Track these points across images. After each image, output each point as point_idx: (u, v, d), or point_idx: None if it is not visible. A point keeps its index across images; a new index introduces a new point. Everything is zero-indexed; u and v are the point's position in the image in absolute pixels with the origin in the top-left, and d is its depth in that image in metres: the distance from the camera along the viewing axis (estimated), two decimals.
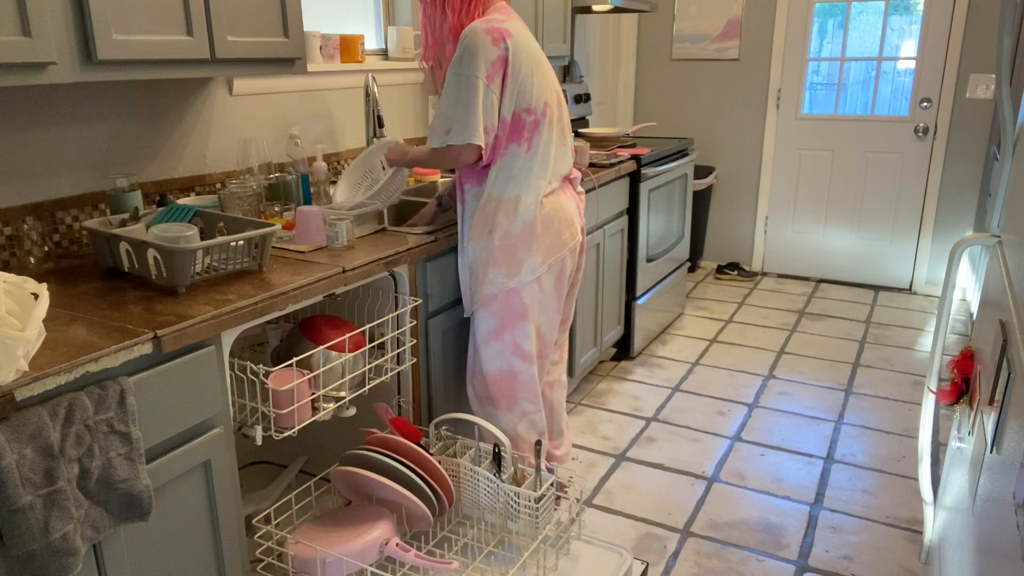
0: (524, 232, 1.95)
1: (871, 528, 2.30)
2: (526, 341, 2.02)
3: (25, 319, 1.15)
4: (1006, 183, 1.60)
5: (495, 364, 2.04)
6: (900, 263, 4.54)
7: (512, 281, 1.97)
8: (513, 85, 1.89)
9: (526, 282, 1.98)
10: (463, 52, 1.85)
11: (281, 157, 2.39)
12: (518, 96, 1.90)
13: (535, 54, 1.94)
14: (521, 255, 1.96)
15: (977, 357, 1.48)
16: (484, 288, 1.99)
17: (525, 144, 1.93)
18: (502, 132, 1.91)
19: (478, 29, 1.86)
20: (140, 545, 1.36)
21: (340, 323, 1.82)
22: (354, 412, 1.84)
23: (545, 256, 1.99)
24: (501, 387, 2.06)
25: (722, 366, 3.49)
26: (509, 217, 1.94)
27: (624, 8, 3.51)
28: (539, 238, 1.97)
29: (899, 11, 4.23)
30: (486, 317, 2.02)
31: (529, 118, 1.92)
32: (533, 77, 1.92)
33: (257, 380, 1.61)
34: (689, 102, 4.85)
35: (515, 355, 2.03)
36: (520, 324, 2.01)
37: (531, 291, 1.99)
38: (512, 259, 1.96)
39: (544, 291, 2.02)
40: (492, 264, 1.97)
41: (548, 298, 2.04)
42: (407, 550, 1.67)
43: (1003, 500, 0.97)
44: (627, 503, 2.43)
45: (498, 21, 1.89)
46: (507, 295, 1.98)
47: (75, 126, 1.81)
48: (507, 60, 1.86)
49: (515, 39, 1.88)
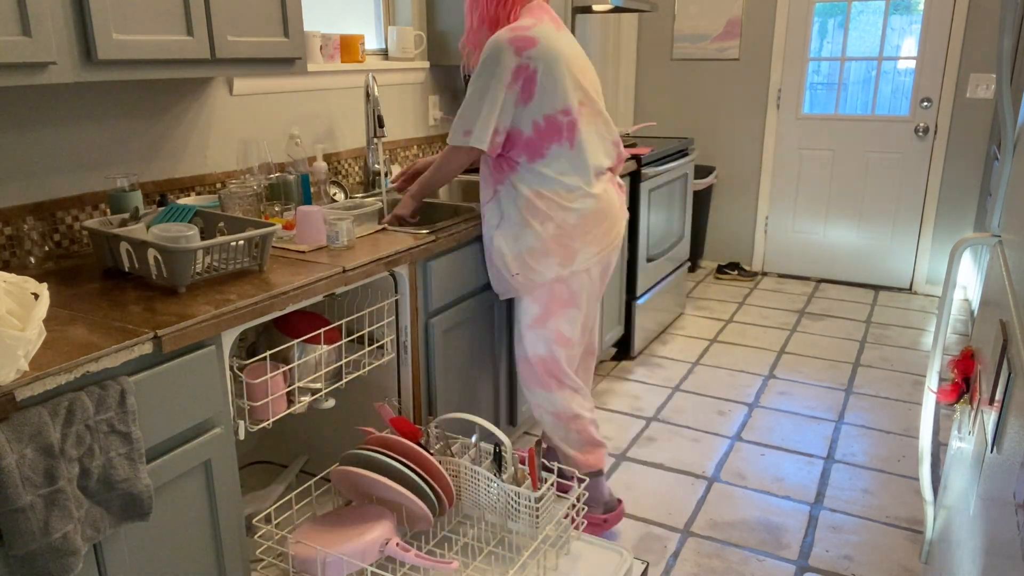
0: (580, 224, 2.04)
1: (871, 528, 2.30)
2: (568, 327, 2.11)
3: (25, 319, 1.16)
4: (1006, 183, 1.60)
5: (539, 348, 2.14)
6: (900, 263, 4.54)
7: (565, 270, 2.06)
8: (542, 90, 1.97)
9: (578, 271, 2.06)
10: (487, 60, 1.95)
11: (281, 157, 2.39)
12: (551, 100, 1.98)
13: (567, 54, 2.01)
14: (576, 245, 2.05)
15: (977, 357, 1.48)
16: (534, 275, 2.07)
17: (567, 143, 2.01)
18: (538, 133, 1.99)
19: (503, 39, 1.94)
20: (140, 545, 1.36)
21: (314, 318, 1.84)
22: (332, 404, 1.87)
23: (598, 247, 2.09)
24: (546, 369, 2.15)
25: (722, 366, 3.49)
26: (564, 209, 2.03)
27: (624, 8, 3.51)
28: (593, 230, 2.06)
29: (899, 11, 4.23)
30: (531, 303, 2.11)
31: (565, 118, 2.00)
32: (565, 79, 1.99)
33: (232, 374, 1.62)
34: (689, 102, 4.85)
35: (557, 342, 2.12)
36: (566, 311, 2.10)
37: (581, 280, 2.08)
38: (567, 249, 2.05)
39: (592, 281, 2.12)
40: (545, 253, 2.04)
41: (595, 287, 2.14)
42: (407, 550, 1.67)
43: (1003, 500, 0.97)
44: (627, 503, 2.43)
45: (523, 29, 1.96)
46: (556, 283, 2.07)
47: (75, 126, 1.81)
48: (527, 68, 1.94)
49: (541, 46, 1.95)
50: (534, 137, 2.00)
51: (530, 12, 2.03)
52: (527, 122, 1.99)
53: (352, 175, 2.68)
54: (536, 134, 1.99)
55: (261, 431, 2.35)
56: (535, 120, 1.98)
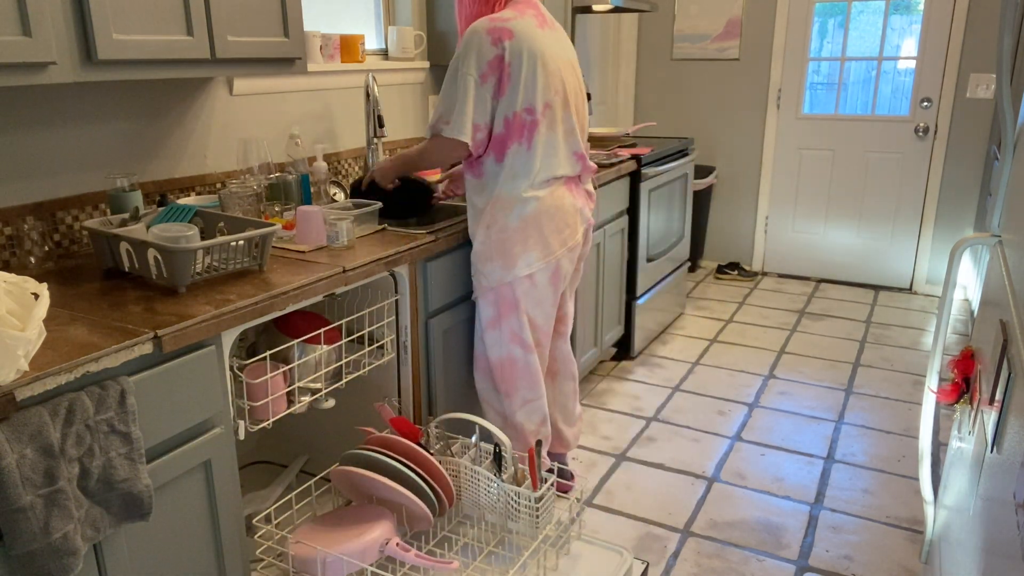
0: (520, 228, 1.99)
1: (871, 528, 2.30)
2: (522, 331, 2.08)
3: (25, 319, 1.16)
4: (1006, 183, 1.60)
5: (496, 351, 2.12)
6: (900, 263, 4.53)
7: (507, 275, 2.02)
8: (511, 85, 1.92)
9: (519, 276, 2.02)
10: (462, 49, 1.91)
11: (281, 157, 2.39)
12: (520, 95, 1.93)
13: (545, 53, 1.95)
14: (516, 250, 2.00)
15: (977, 357, 1.48)
16: (481, 280, 2.06)
17: (525, 143, 1.97)
18: (505, 130, 1.95)
19: (480, 28, 1.90)
20: (140, 545, 1.36)
21: (314, 318, 1.84)
22: (332, 404, 1.87)
23: (541, 253, 2.02)
24: (502, 373, 2.13)
25: (722, 366, 3.49)
26: (506, 213, 1.99)
27: (624, 8, 3.51)
28: (535, 235, 2.01)
29: (899, 11, 4.23)
30: (485, 306, 2.09)
31: (529, 117, 1.95)
32: (536, 77, 1.94)
33: (232, 374, 1.62)
34: (689, 102, 4.85)
35: (512, 343, 2.09)
36: (512, 316, 2.07)
37: (523, 286, 2.04)
38: (507, 254, 2.00)
39: (537, 287, 2.06)
40: (489, 258, 2.02)
41: (543, 294, 2.07)
42: (407, 550, 1.67)
43: (1003, 500, 0.97)
44: (627, 503, 2.43)
45: (503, 20, 1.91)
46: (501, 287, 2.04)
47: (75, 126, 1.81)
48: (503, 60, 1.90)
49: (517, 39, 1.90)
50: (503, 133, 1.96)
51: (514, 7, 1.98)
52: (499, 117, 1.95)
53: (352, 175, 2.68)
54: (505, 131, 1.96)
55: (261, 431, 2.35)
56: (505, 115, 1.95)
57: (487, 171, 2.02)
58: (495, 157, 1.99)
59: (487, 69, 1.90)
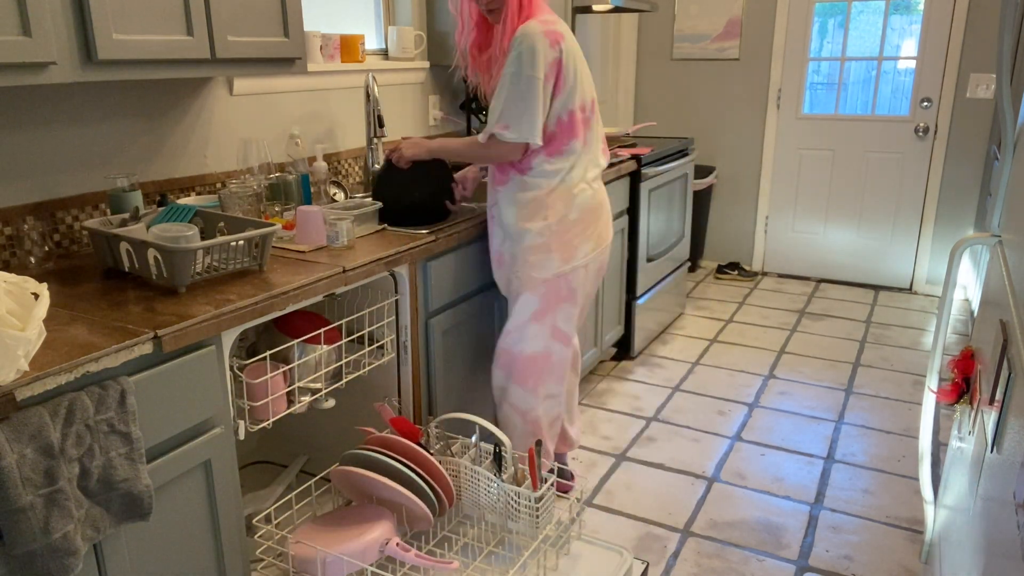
0: (580, 220, 2.07)
1: (871, 528, 2.30)
2: (566, 323, 2.14)
3: (25, 319, 1.16)
4: (1006, 183, 1.60)
5: (533, 345, 2.13)
6: (900, 263, 4.53)
7: (566, 266, 2.07)
8: (567, 85, 1.99)
9: (578, 266, 2.09)
10: (522, 51, 1.93)
11: (281, 157, 2.39)
12: (574, 95, 2.01)
13: (580, 54, 2.05)
14: (577, 241, 2.08)
15: (977, 357, 1.48)
16: (535, 271, 2.08)
17: (581, 139, 2.06)
18: (560, 129, 2.02)
19: (537, 30, 1.93)
20: (141, 545, 1.36)
21: (314, 318, 1.84)
22: (332, 404, 1.87)
23: (596, 243, 2.12)
24: (534, 367, 2.15)
25: (722, 366, 3.49)
26: (566, 205, 2.05)
27: (624, 8, 3.51)
28: (592, 225, 2.10)
29: (899, 11, 4.23)
30: (530, 299, 2.11)
31: (582, 115, 2.05)
32: (581, 77, 2.04)
33: (232, 374, 1.62)
34: (689, 102, 4.85)
35: (554, 337, 2.14)
36: (564, 306, 2.12)
37: (579, 275, 2.11)
38: (568, 245, 2.07)
39: (589, 276, 2.14)
40: (548, 249, 2.06)
41: (592, 283, 2.18)
42: (407, 550, 1.67)
43: (1003, 500, 0.97)
44: (627, 503, 2.43)
45: (552, 23, 1.97)
46: (556, 279, 2.08)
47: (75, 126, 1.81)
48: (561, 62, 1.96)
49: (567, 41, 1.99)
50: (556, 132, 2.02)
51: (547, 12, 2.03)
52: (553, 117, 2.01)
53: (352, 175, 2.68)
54: (559, 129, 2.02)
55: (261, 431, 2.35)
56: (559, 115, 2.01)
57: (536, 167, 2.04)
58: (545, 154, 2.03)
59: (549, 71, 1.95)
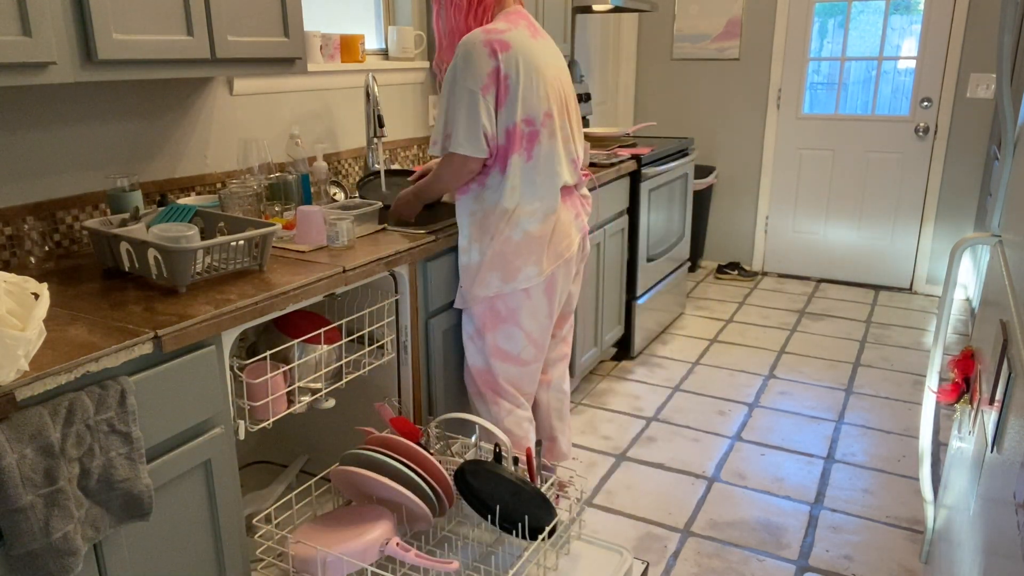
0: (523, 241, 1.95)
1: (871, 528, 2.30)
2: (507, 343, 2.04)
3: (26, 319, 1.16)
4: (1006, 182, 1.60)
5: (476, 360, 2.11)
6: (900, 262, 4.54)
7: (507, 287, 1.98)
8: (510, 97, 1.88)
9: (517, 290, 1.99)
10: (458, 61, 1.86)
11: (281, 157, 2.39)
12: (519, 107, 1.89)
13: (537, 63, 1.92)
14: (518, 263, 1.96)
15: (977, 357, 1.48)
16: (477, 289, 2.00)
17: (525, 154, 1.93)
18: (506, 142, 1.91)
19: (476, 40, 1.85)
20: (141, 545, 1.36)
21: (314, 318, 1.84)
22: (332, 404, 1.87)
23: (538, 268, 1.99)
24: (484, 381, 2.12)
25: (722, 366, 3.49)
26: (511, 226, 1.94)
27: (624, 8, 3.51)
28: (536, 250, 1.97)
29: (899, 11, 4.23)
30: (469, 318, 2.07)
31: (527, 128, 1.91)
32: (534, 87, 1.90)
33: (232, 374, 1.62)
34: (689, 102, 4.85)
35: (494, 356, 2.07)
36: (503, 327, 2.03)
37: (518, 298, 2.00)
38: (509, 266, 1.96)
39: (533, 299, 2.01)
40: (489, 268, 1.97)
41: (537, 305, 2.03)
42: (407, 549, 1.67)
43: (1003, 500, 0.97)
44: (627, 503, 2.43)
45: (498, 32, 1.87)
46: (493, 299, 2.00)
47: (75, 126, 1.81)
48: (499, 72, 1.86)
49: (513, 51, 1.87)
50: (504, 146, 1.91)
51: (505, 17, 1.94)
52: (501, 130, 1.90)
53: (352, 175, 2.68)
54: (507, 142, 1.91)
55: (261, 431, 2.35)
56: (507, 127, 1.90)
57: (489, 182, 1.96)
58: (499, 168, 1.94)
59: (487, 80, 1.85)
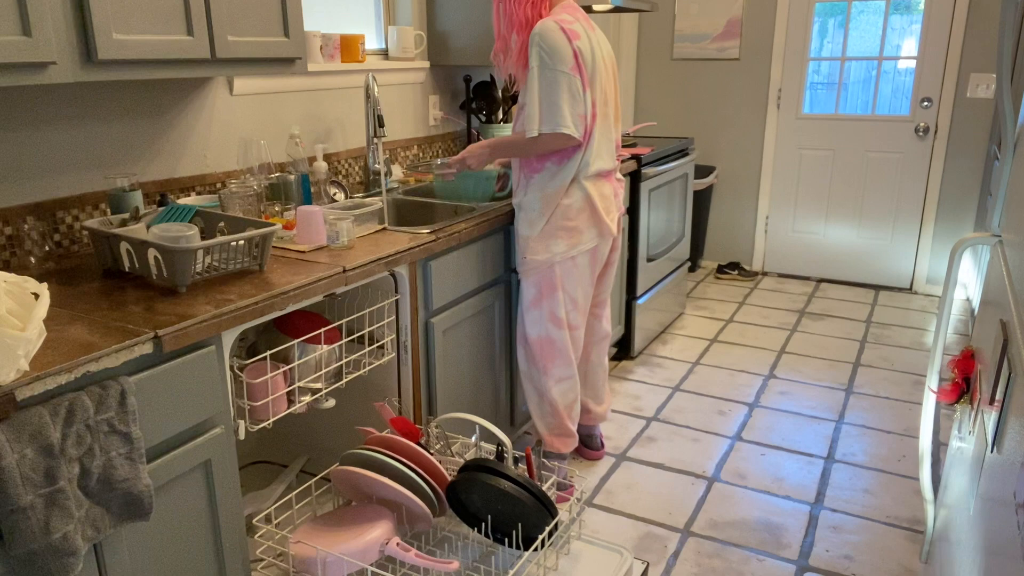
0: (584, 210, 2.18)
1: (872, 528, 2.30)
2: (559, 309, 2.26)
3: (26, 319, 1.16)
4: (1006, 182, 1.60)
5: (535, 329, 2.30)
6: (901, 262, 4.54)
7: (572, 251, 2.20)
8: (586, 80, 2.07)
9: (568, 257, 2.21)
10: (542, 48, 2.02)
11: (281, 157, 2.39)
12: (591, 90, 2.09)
13: (595, 52, 2.12)
14: (582, 228, 2.20)
15: (978, 356, 1.48)
16: (539, 255, 2.20)
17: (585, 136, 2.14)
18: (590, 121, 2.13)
19: (552, 27, 2.02)
20: (141, 545, 1.36)
21: (314, 317, 1.84)
22: (333, 404, 1.87)
23: (589, 236, 2.22)
24: (540, 350, 2.31)
25: (723, 366, 3.49)
26: (569, 198, 2.17)
27: (624, 8, 3.51)
28: (588, 219, 2.20)
29: (900, 10, 4.23)
30: (528, 286, 2.27)
31: (593, 111, 2.12)
32: (599, 74, 2.12)
33: (232, 374, 1.62)
34: (689, 102, 4.85)
35: (551, 322, 2.27)
36: (556, 294, 2.24)
37: (567, 266, 2.22)
38: (573, 232, 2.19)
39: (579, 267, 2.24)
40: (553, 236, 2.19)
41: (583, 273, 2.26)
42: (408, 549, 1.67)
43: (1003, 500, 0.97)
44: (627, 503, 2.43)
45: (568, 22, 2.05)
46: (549, 268, 2.21)
47: (75, 126, 1.81)
48: (578, 57, 2.04)
49: (582, 40, 2.06)
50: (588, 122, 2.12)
51: (564, 10, 2.11)
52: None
53: (352, 175, 2.68)
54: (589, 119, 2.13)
55: (261, 431, 2.35)
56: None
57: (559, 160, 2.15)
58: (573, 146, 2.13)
59: (573, 62, 2.02)
